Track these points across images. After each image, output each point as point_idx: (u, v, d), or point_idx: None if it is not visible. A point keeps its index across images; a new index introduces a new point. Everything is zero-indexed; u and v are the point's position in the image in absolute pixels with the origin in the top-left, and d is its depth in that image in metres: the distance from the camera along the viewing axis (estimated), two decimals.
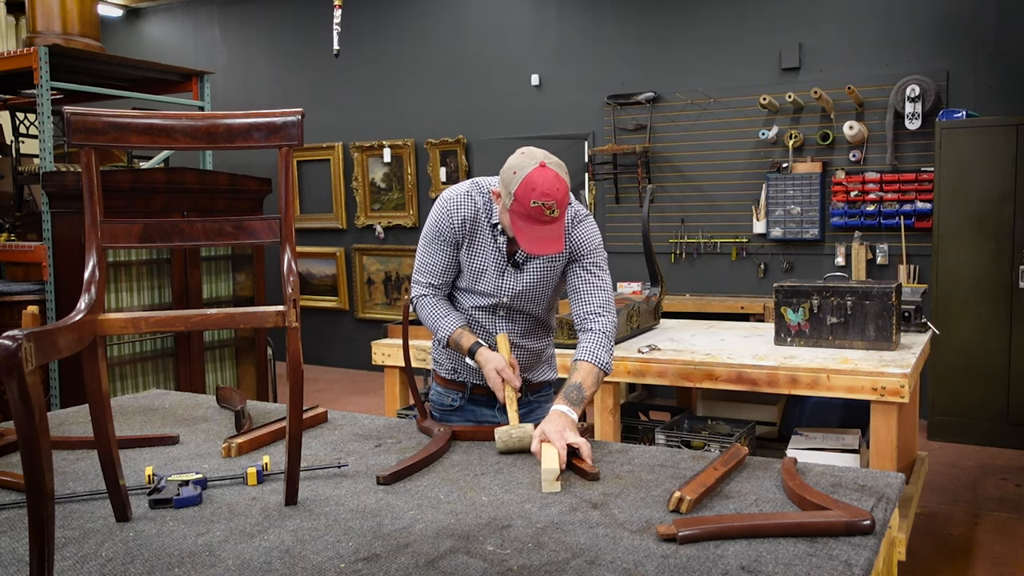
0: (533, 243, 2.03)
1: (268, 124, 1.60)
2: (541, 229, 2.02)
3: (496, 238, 2.23)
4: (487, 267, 2.25)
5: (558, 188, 2.00)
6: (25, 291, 4.19)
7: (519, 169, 2.02)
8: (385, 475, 1.81)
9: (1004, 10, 5.42)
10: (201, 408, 2.58)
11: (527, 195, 1.99)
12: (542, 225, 2.02)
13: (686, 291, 6.31)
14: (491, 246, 2.24)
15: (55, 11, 4.66)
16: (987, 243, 5.07)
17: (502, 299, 2.27)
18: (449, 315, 2.29)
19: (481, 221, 2.22)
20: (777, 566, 1.35)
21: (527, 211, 2.00)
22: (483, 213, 2.22)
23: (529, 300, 2.30)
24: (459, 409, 2.43)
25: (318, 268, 8.11)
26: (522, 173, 2.01)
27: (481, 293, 2.28)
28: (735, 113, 6.14)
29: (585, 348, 2.17)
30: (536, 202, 1.98)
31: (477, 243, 2.24)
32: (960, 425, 5.18)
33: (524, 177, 2.00)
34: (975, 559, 3.52)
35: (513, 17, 7.11)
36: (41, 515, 1.22)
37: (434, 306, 2.29)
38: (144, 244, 1.63)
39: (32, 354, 1.18)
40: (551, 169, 2.02)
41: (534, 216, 2.01)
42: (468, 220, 2.22)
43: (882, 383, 2.74)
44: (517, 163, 2.04)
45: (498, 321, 2.31)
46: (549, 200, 1.99)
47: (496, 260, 2.24)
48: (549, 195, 1.99)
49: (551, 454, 1.82)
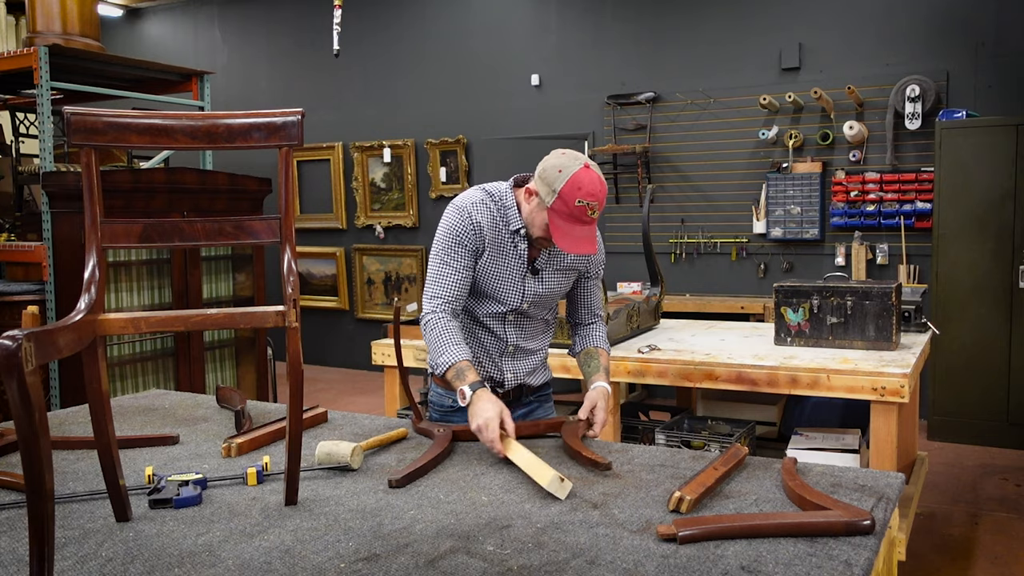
0: (572, 243, 2.03)
1: (268, 124, 1.60)
2: (581, 229, 2.04)
3: (517, 245, 2.19)
4: (508, 274, 2.21)
5: (602, 190, 2.03)
6: (25, 291, 4.19)
7: (564, 168, 2.03)
8: (397, 478, 1.78)
9: (1004, 10, 5.42)
10: (201, 408, 2.58)
11: (573, 194, 2.00)
12: (582, 225, 2.04)
13: (686, 291, 6.31)
14: (512, 253, 2.20)
15: (55, 11, 4.66)
16: (987, 243, 5.07)
17: (521, 306, 2.25)
18: (456, 347, 2.12)
19: (499, 227, 2.18)
20: (777, 566, 1.35)
21: (571, 210, 2.01)
22: (500, 219, 2.19)
23: (543, 306, 2.31)
24: (459, 410, 2.42)
25: (318, 268, 8.11)
26: (568, 172, 2.01)
27: (498, 300, 2.25)
28: (735, 113, 6.14)
29: (599, 337, 2.39)
30: (581, 201, 2.00)
31: (496, 249, 2.19)
32: (960, 425, 5.18)
33: (571, 176, 2.01)
34: (975, 559, 3.52)
35: (513, 17, 7.11)
36: (41, 515, 1.22)
37: (444, 331, 2.13)
38: (144, 244, 1.63)
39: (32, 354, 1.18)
40: (595, 171, 2.05)
41: (576, 216, 2.02)
42: (487, 226, 2.17)
43: (882, 383, 2.74)
44: (561, 162, 2.04)
45: (507, 327, 2.30)
46: (594, 200, 2.01)
47: (517, 266, 2.21)
48: (594, 195, 2.01)
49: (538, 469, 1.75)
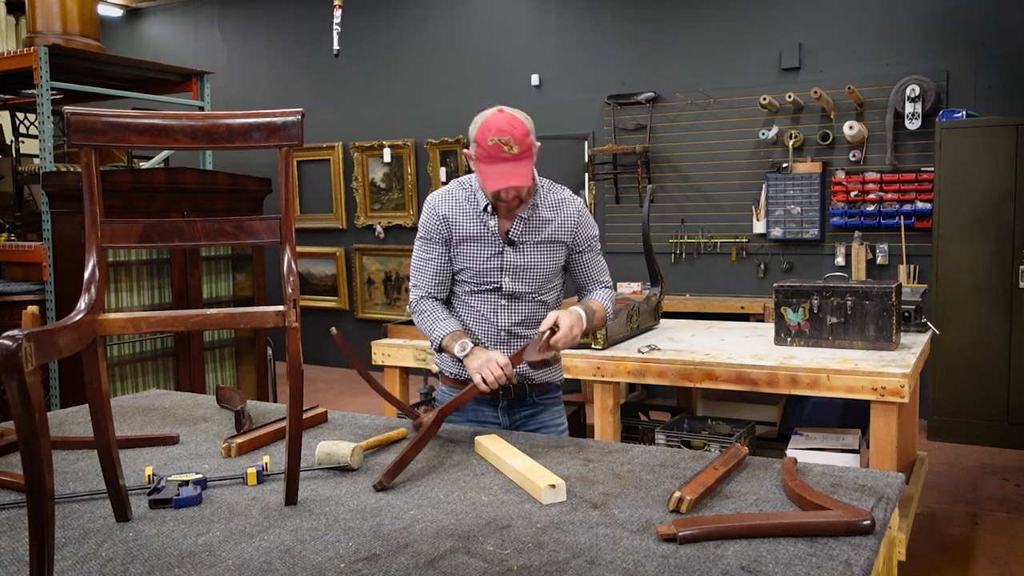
0: (495, 179, 2.14)
1: (268, 124, 1.60)
2: (501, 166, 2.13)
3: (487, 222, 2.28)
4: (484, 251, 2.29)
5: (514, 126, 2.13)
6: (25, 291, 4.19)
7: (477, 119, 2.19)
8: (379, 481, 1.78)
9: (1004, 10, 5.42)
10: (201, 408, 2.58)
11: (485, 136, 2.13)
12: (503, 162, 2.13)
13: (686, 291, 6.31)
14: (483, 230, 2.29)
15: (55, 11, 4.66)
16: (987, 243, 5.07)
17: (502, 280, 2.29)
18: (446, 320, 2.31)
19: (466, 210, 2.29)
20: (777, 566, 1.35)
21: (487, 151, 2.12)
22: (468, 203, 2.30)
23: (529, 281, 2.32)
24: (461, 409, 2.43)
25: (318, 268, 8.11)
26: (479, 120, 2.18)
27: (480, 278, 2.30)
28: (735, 113, 6.14)
29: (599, 296, 2.39)
30: (492, 139, 2.11)
31: (466, 230, 2.29)
32: (960, 425, 5.18)
33: (481, 122, 2.16)
34: (975, 559, 3.52)
35: (513, 17, 7.11)
36: (41, 515, 1.22)
37: (431, 311, 2.33)
38: (144, 244, 1.63)
39: (32, 354, 1.18)
40: (507, 112, 2.17)
41: (493, 155, 2.12)
42: (451, 212, 2.29)
43: (882, 383, 2.74)
44: (477, 116, 2.20)
45: (499, 310, 2.31)
46: (505, 135, 2.11)
47: (490, 241, 2.28)
48: (504, 131, 2.11)
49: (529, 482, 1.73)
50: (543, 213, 2.30)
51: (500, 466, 1.89)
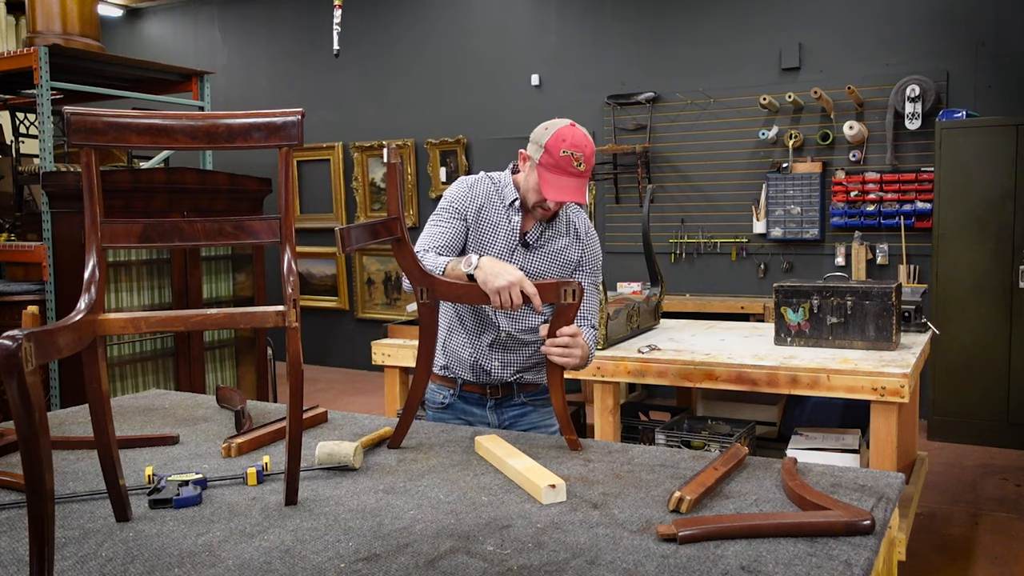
0: (557, 191, 2.14)
1: (268, 124, 1.60)
2: (567, 179, 2.14)
3: (511, 218, 2.28)
4: (498, 245, 2.28)
5: (586, 144, 2.16)
6: (25, 291, 4.19)
7: (550, 126, 2.18)
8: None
9: (1004, 10, 5.42)
10: (201, 408, 2.58)
11: (558, 145, 2.13)
12: (568, 176, 2.14)
13: (686, 291, 6.31)
14: (505, 226, 2.29)
15: (55, 11, 4.66)
16: (987, 243, 5.07)
17: None
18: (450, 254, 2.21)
19: (495, 202, 2.31)
20: (777, 566, 1.35)
21: (556, 161, 2.13)
22: (495, 196, 2.32)
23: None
24: (449, 407, 2.43)
25: (318, 268, 8.11)
26: (553, 127, 2.17)
27: None
28: (735, 113, 6.14)
29: (587, 335, 2.28)
30: (566, 151, 2.12)
31: (489, 223, 2.29)
32: (960, 425, 5.18)
33: (555, 131, 2.16)
34: (975, 559, 3.52)
35: (513, 17, 7.11)
36: (41, 515, 1.22)
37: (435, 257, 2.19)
38: (144, 244, 1.63)
39: (32, 354, 1.18)
40: (579, 128, 2.19)
41: (562, 166, 2.13)
42: (483, 200, 2.30)
43: (882, 383, 2.74)
44: (547, 123, 2.20)
45: (500, 311, 2.29)
46: (578, 152, 2.13)
47: (507, 239, 2.28)
48: (578, 147, 2.13)
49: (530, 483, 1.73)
50: (559, 227, 2.34)
51: (500, 466, 1.89)
